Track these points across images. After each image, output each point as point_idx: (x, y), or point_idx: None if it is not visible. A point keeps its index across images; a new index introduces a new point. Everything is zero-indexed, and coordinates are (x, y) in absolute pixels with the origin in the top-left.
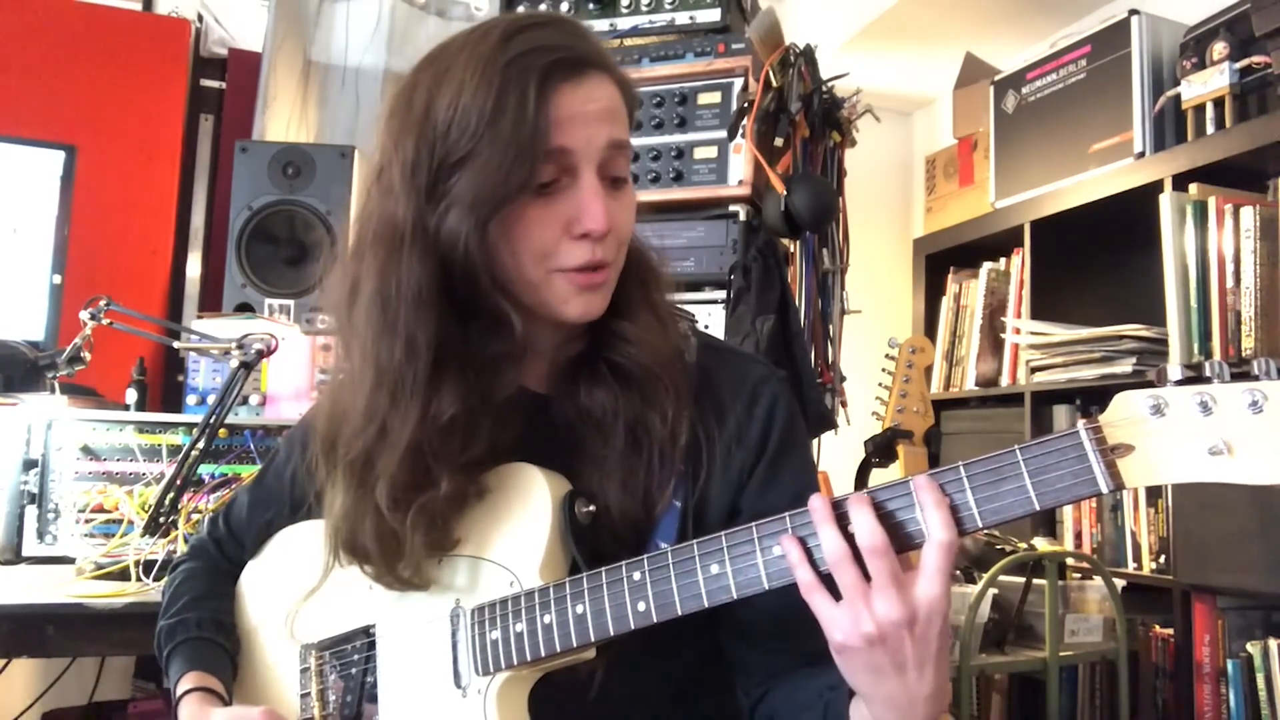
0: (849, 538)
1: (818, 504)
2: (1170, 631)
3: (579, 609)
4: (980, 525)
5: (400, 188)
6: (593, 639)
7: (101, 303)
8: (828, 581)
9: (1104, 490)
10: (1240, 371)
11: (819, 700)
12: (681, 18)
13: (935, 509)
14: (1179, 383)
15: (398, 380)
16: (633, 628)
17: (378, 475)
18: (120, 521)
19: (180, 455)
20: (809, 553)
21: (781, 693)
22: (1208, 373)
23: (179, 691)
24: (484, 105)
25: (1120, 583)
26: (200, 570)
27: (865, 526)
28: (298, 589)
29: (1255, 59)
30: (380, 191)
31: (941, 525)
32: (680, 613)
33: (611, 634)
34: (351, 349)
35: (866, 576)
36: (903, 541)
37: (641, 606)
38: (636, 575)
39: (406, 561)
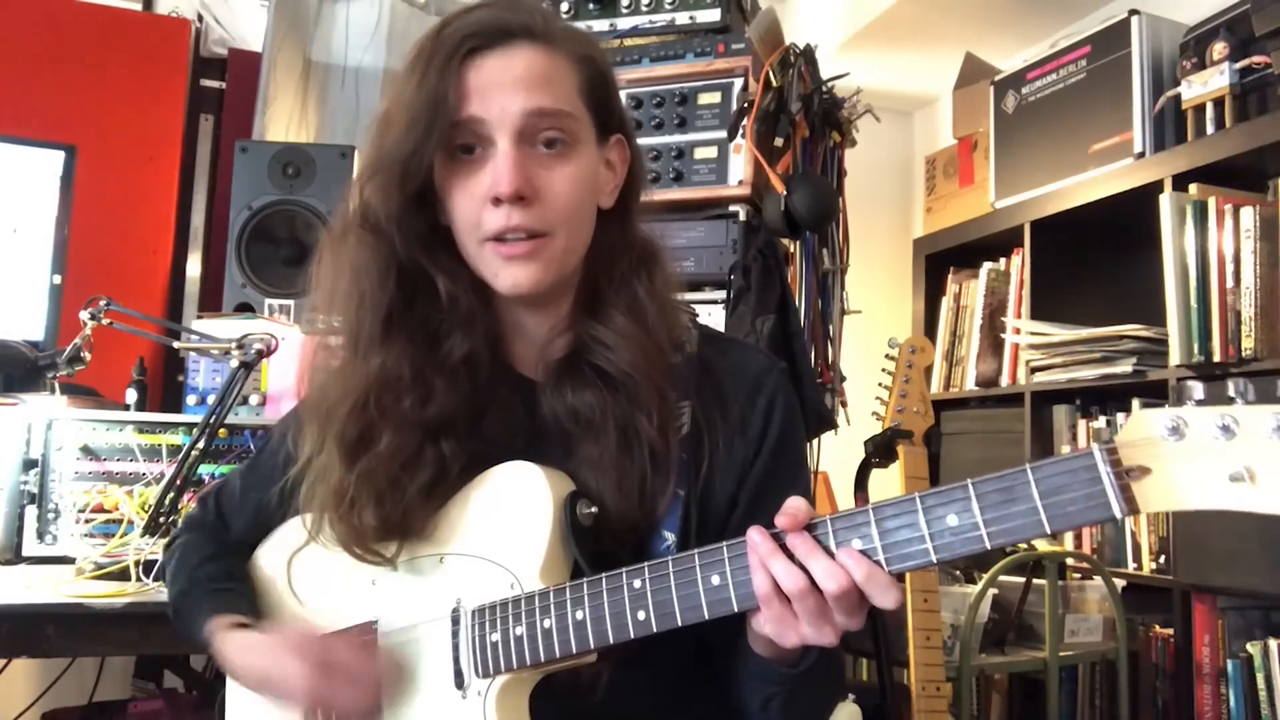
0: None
1: (757, 539)
2: (1170, 631)
3: (579, 615)
4: (989, 547)
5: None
6: (592, 646)
7: (101, 303)
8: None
9: (1118, 516)
10: (1248, 372)
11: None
12: (681, 18)
13: (811, 559)
14: (1200, 403)
15: (356, 336)
16: (632, 636)
17: (333, 425)
18: (120, 521)
19: (180, 455)
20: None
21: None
22: (1231, 391)
23: (212, 632)
24: (407, 85)
25: (1120, 583)
26: (202, 540)
27: (780, 570)
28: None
29: (1255, 59)
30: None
31: (827, 575)
32: (680, 623)
33: (611, 642)
34: (330, 319)
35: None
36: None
37: (641, 615)
38: (637, 583)
39: (364, 532)
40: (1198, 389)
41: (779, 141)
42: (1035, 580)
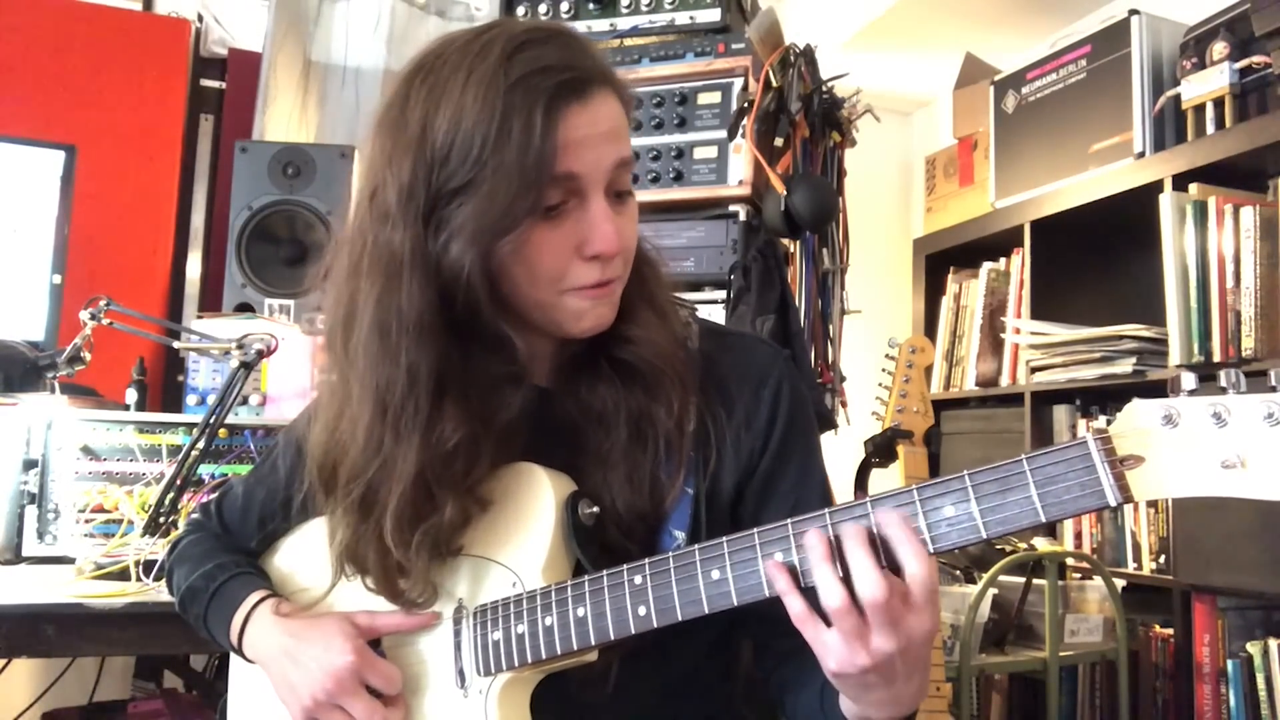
0: (846, 574)
1: (814, 541)
2: (1170, 631)
3: (580, 611)
4: (985, 536)
5: (397, 212)
6: (593, 642)
7: (101, 303)
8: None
9: (1112, 503)
10: (1248, 372)
11: (819, 677)
12: (681, 18)
13: (907, 544)
14: (1193, 392)
15: (400, 411)
16: (633, 632)
17: (381, 508)
18: (120, 521)
19: (180, 455)
20: (798, 580)
21: (791, 667)
22: (1223, 382)
23: (249, 606)
24: (488, 131)
25: (1120, 583)
26: (208, 536)
27: (867, 578)
28: (312, 588)
29: (1255, 59)
30: (375, 215)
31: (915, 558)
32: (680, 618)
33: (612, 638)
34: (349, 380)
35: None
36: (894, 561)
37: (642, 611)
38: (638, 579)
39: (412, 582)
40: (1190, 379)
41: (779, 141)
42: (1035, 580)
